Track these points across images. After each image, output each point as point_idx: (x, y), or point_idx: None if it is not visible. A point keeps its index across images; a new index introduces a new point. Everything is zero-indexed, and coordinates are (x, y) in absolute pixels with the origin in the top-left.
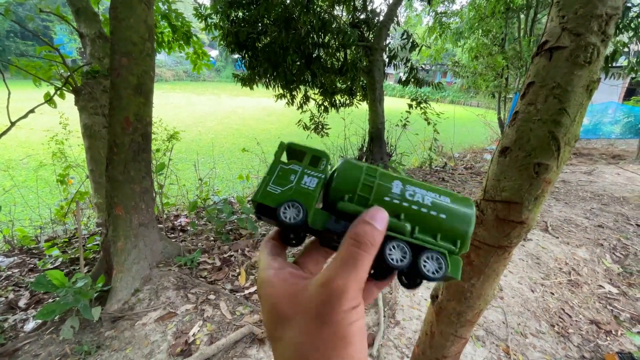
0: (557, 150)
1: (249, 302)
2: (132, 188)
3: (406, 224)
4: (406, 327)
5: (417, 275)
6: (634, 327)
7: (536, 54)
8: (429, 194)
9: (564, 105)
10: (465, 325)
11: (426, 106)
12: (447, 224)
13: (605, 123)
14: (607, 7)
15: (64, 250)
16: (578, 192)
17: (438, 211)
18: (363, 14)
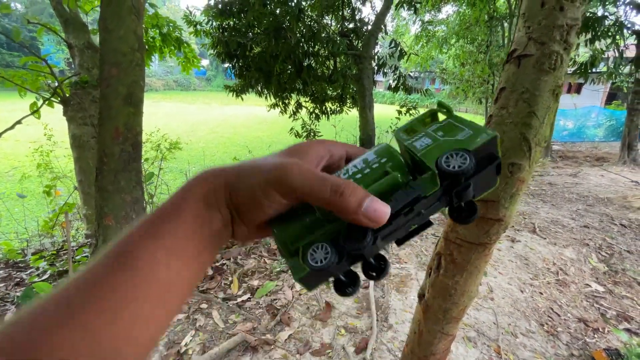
0: (529, 151)
1: (241, 310)
2: (122, 198)
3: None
4: (399, 331)
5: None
6: (620, 324)
7: (506, 61)
8: (354, 161)
9: (533, 109)
10: (451, 322)
11: (415, 112)
12: (390, 161)
13: (589, 126)
14: (567, 18)
15: (52, 262)
16: (564, 193)
17: (377, 161)
18: (352, 23)
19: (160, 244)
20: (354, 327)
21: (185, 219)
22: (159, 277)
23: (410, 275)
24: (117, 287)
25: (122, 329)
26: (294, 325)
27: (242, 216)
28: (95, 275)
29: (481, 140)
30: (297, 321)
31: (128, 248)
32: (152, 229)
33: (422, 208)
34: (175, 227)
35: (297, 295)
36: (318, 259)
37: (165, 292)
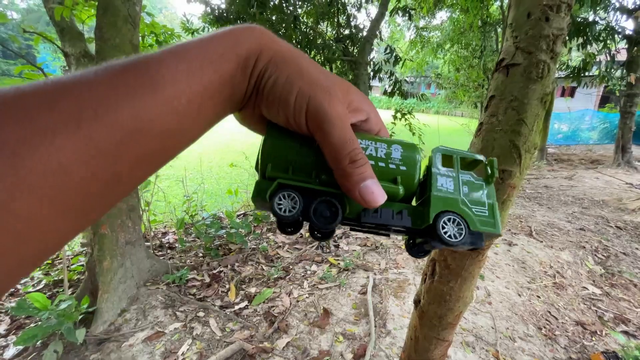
0: (519, 158)
1: (239, 318)
2: (118, 206)
3: (399, 187)
4: (397, 337)
5: (430, 240)
6: (618, 326)
7: (495, 70)
8: (381, 145)
9: (522, 116)
10: (447, 328)
11: (410, 117)
12: (406, 174)
13: (583, 129)
14: (552, 28)
15: (47, 272)
16: (560, 196)
17: (396, 164)
18: (347, 29)
19: (189, 85)
20: (352, 333)
21: (220, 71)
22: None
23: (407, 280)
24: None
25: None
26: (292, 333)
27: (262, 99)
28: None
29: (486, 230)
30: (295, 328)
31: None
32: (188, 65)
33: (392, 231)
34: (207, 76)
35: (295, 302)
36: (284, 207)
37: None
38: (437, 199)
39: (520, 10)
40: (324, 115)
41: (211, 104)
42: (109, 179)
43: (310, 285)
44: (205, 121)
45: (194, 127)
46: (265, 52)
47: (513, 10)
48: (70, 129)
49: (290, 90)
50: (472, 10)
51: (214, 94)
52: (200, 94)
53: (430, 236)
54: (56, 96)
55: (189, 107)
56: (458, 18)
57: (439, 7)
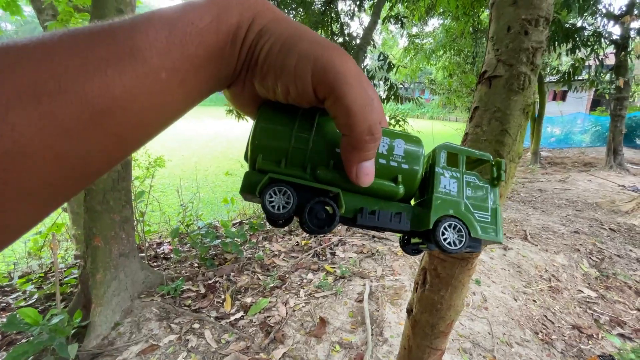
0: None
1: (234, 329)
2: (111, 218)
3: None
4: (394, 344)
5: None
6: (614, 329)
7: (478, 82)
8: (384, 137)
9: (505, 127)
10: (439, 337)
11: (404, 123)
12: (407, 174)
13: (576, 132)
14: (532, 41)
15: (40, 285)
16: (554, 199)
17: (398, 161)
18: (341, 37)
19: (170, 57)
20: (349, 342)
21: (205, 42)
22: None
23: (404, 287)
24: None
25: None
26: (288, 343)
27: (254, 73)
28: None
29: (486, 237)
30: (291, 338)
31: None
32: (168, 35)
33: (385, 222)
34: (191, 47)
35: (291, 311)
36: (276, 203)
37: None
38: (439, 203)
39: (500, 24)
40: (336, 73)
41: (195, 79)
42: (77, 161)
43: (307, 294)
44: (188, 98)
45: (174, 105)
46: (258, 20)
47: (493, 24)
48: (27, 104)
49: (288, 53)
50: (463, 18)
51: (198, 69)
52: (183, 69)
53: (428, 239)
54: (10, 63)
55: (169, 82)
56: (450, 25)
57: (431, 14)
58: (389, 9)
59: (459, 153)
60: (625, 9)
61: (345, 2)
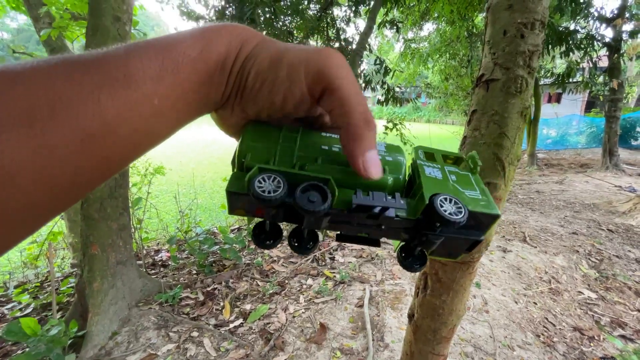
0: (503, 170)
1: (234, 337)
2: (108, 225)
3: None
4: (395, 350)
5: (433, 223)
6: (615, 330)
7: (476, 85)
8: None
9: (503, 130)
10: (441, 342)
11: (402, 127)
12: (393, 165)
13: (571, 134)
14: (528, 44)
15: (36, 295)
16: (552, 201)
17: (382, 154)
18: (337, 42)
19: (164, 84)
20: (350, 348)
21: (196, 70)
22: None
23: (404, 291)
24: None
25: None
26: (289, 350)
27: (244, 97)
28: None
29: (483, 210)
30: (292, 345)
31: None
32: (161, 64)
33: (385, 224)
34: (182, 75)
35: (291, 317)
36: (266, 188)
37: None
38: (429, 183)
39: (496, 28)
40: (329, 68)
41: (185, 104)
42: (65, 183)
43: (306, 300)
44: (178, 121)
45: (164, 128)
46: (245, 47)
47: (490, 28)
48: (18, 129)
49: (278, 65)
50: (457, 22)
51: (189, 94)
52: (174, 95)
53: (427, 226)
54: (3, 89)
55: (161, 107)
56: (444, 30)
57: (426, 19)
58: (384, 14)
59: (434, 152)
60: (617, 12)
61: (341, 8)
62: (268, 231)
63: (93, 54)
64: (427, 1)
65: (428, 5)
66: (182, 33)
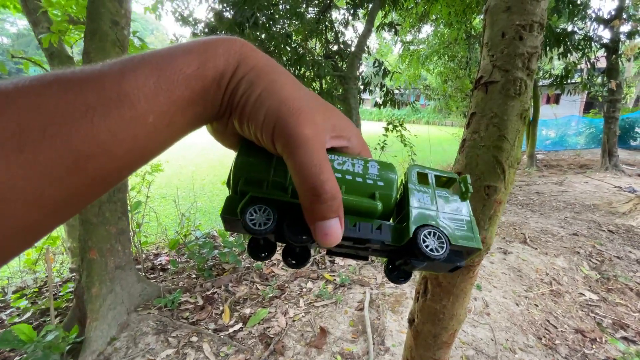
0: (503, 173)
1: (233, 341)
2: (107, 230)
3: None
4: (396, 354)
5: (413, 256)
6: (617, 332)
7: (474, 87)
8: (358, 161)
9: (503, 132)
10: (442, 348)
11: (401, 129)
12: (383, 190)
13: (570, 135)
14: (527, 46)
15: (34, 300)
16: (551, 202)
17: (374, 179)
18: (335, 45)
19: (159, 100)
20: (350, 352)
21: (192, 87)
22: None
23: (405, 294)
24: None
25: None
26: (288, 355)
27: (233, 112)
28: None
29: (465, 244)
30: (292, 350)
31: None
32: (157, 81)
33: (371, 246)
34: (178, 92)
35: (291, 321)
36: (256, 221)
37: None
38: (416, 214)
39: (494, 30)
40: (289, 136)
41: (180, 120)
42: (58, 203)
43: (306, 304)
44: (172, 137)
45: (159, 144)
46: (242, 67)
47: (488, 30)
48: (9, 152)
49: (259, 108)
50: (455, 25)
51: (184, 110)
52: (170, 112)
53: (410, 254)
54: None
55: (155, 125)
56: (443, 32)
57: (424, 21)
58: (382, 16)
59: (427, 173)
60: (614, 13)
61: (339, 11)
62: (262, 245)
63: (87, 71)
64: (425, 3)
65: (426, 7)
66: (178, 47)
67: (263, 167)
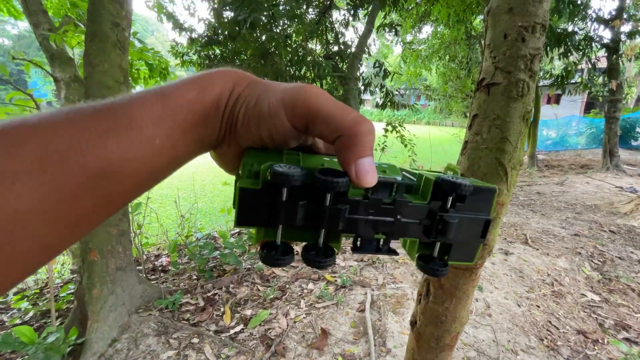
0: (505, 175)
1: (234, 343)
2: (108, 231)
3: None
4: (398, 355)
5: None
6: (619, 333)
7: (476, 89)
8: None
9: (505, 134)
10: (445, 350)
11: (401, 129)
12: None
13: (571, 135)
14: (529, 48)
15: (35, 302)
16: (553, 202)
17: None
18: (336, 46)
19: (166, 124)
20: (352, 353)
21: (193, 111)
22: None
23: (406, 295)
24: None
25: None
26: (290, 356)
27: (237, 132)
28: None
29: (481, 185)
30: (293, 351)
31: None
32: (162, 108)
33: (401, 212)
34: (181, 116)
35: (292, 323)
36: (284, 170)
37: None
38: (428, 174)
39: (496, 32)
40: (304, 98)
41: (184, 143)
42: (70, 223)
43: (308, 305)
44: (177, 160)
45: (164, 167)
46: (237, 88)
47: (490, 32)
48: (33, 175)
49: (261, 103)
50: (455, 25)
51: (187, 134)
52: (174, 135)
53: (440, 207)
54: (20, 140)
55: (162, 147)
56: (443, 32)
57: (424, 21)
58: (382, 17)
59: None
60: (615, 13)
61: (339, 12)
62: (279, 245)
63: (102, 102)
64: (425, 4)
65: (426, 8)
66: (180, 80)
67: (274, 157)
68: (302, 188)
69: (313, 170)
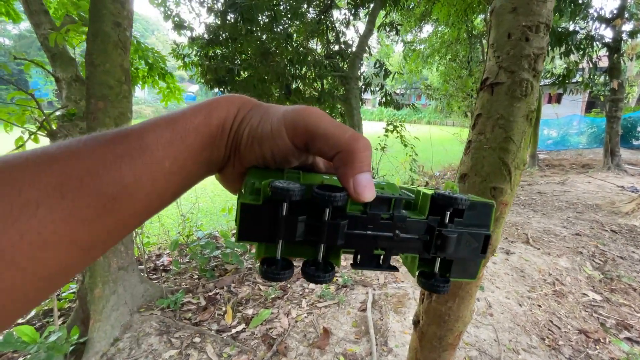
0: (509, 174)
1: (236, 342)
2: None
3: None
4: (399, 354)
5: None
6: (621, 332)
7: (480, 88)
8: None
9: (509, 134)
10: (447, 350)
11: (402, 129)
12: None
13: (572, 134)
14: (533, 47)
15: None
16: (554, 202)
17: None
18: (337, 45)
19: (175, 148)
20: (353, 353)
21: (201, 134)
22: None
23: (407, 294)
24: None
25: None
26: (291, 355)
27: (240, 152)
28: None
29: (478, 199)
30: (294, 350)
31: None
32: (172, 133)
33: (399, 227)
34: (189, 139)
35: (294, 322)
36: (284, 185)
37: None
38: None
39: (500, 31)
40: (304, 118)
41: (192, 164)
42: (86, 246)
43: (309, 304)
44: (185, 182)
45: (174, 188)
46: (241, 112)
47: (494, 31)
48: (54, 200)
49: (264, 124)
50: (456, 24)
51: (195, 155)
52: (182, 157)
53: (439, 223)
54: (42, 167)
55: (171, 169)
56: (443, 32)
57: (425, 20)
58: (383, 16)
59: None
60: (616, 12)
61: (340, 11)
62: (278, 260)
63: (115, 131)
64: (426, 3)
65: (427, 7)
66: (188, 107)
67: (276, 175)
68: (301, 203)
69: (312, 186)
